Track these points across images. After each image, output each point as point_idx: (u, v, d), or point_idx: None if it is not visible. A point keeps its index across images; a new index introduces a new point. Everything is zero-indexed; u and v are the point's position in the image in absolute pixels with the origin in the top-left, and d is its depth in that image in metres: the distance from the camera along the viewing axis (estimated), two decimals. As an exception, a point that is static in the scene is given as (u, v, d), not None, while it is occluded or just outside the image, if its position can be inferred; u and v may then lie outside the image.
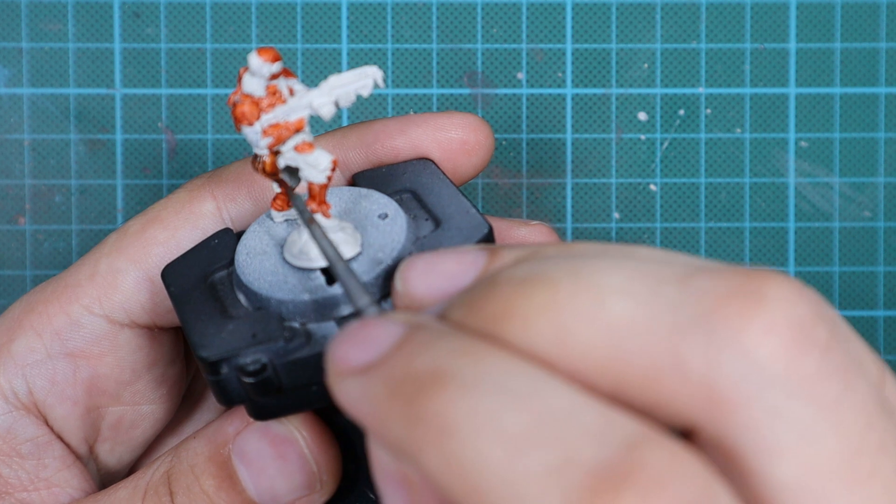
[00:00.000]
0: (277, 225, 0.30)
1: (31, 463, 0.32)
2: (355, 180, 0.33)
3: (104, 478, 0.35)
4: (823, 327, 0.21)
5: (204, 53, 0.45)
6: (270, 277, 0.29)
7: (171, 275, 0.30)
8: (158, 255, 0.32)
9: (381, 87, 0.28)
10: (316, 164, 0.28)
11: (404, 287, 0.25)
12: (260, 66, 0.27)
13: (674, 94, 0.46)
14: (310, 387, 0.28)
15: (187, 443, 0.31)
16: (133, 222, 0.33)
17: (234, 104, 0.28)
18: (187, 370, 0.36)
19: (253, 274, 0.29)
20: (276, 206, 0.30)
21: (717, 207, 0.47)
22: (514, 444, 0.19)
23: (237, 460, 0.30)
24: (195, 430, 0.37)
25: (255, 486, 0.30)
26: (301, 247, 0.29)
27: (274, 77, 0.28)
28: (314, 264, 0.28)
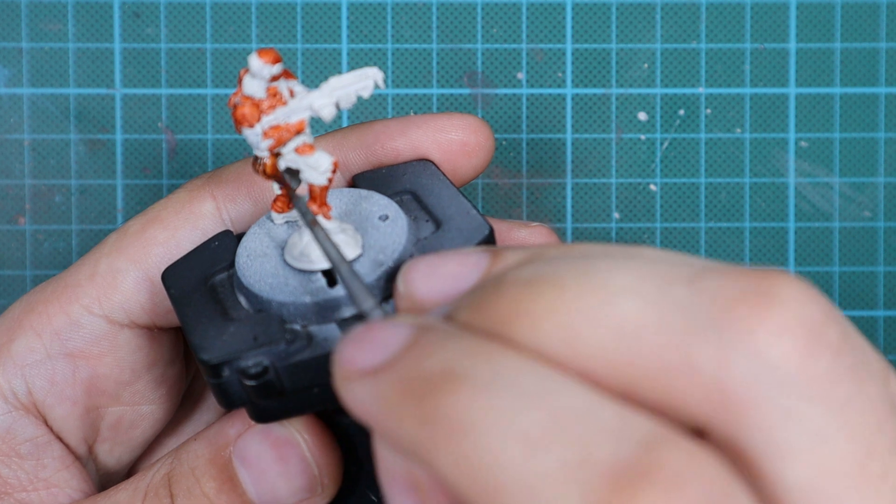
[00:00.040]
0: (278, 227, 0.30)
1: (31, 463, 0.32)
2: (355, 181, 0.33)
3: (103, 478, 0.35)
4: (834, 328, 0.21)
5: (204, 53, 0.45)
6: (271, 279, 0.29)
7: (172, 277, 0.30)
8: (158, 256, 0.32)
9: (382, 88, 0.28)
10: (317, 166, 0.28)
11: (407, 289, 0.25)
12: (260, 67, 0.27)
13: (674, 94, 0.46)
14: (311, 389, 0.28)
15: (188, 445, 0.31)
16: (133, 222, 0.33)
17: (235, 106, 0.28)
18: (187, 370, 0.36)
19: (254, 276, 0.29)
20: (277, 208, 0.30)
21: (717, 207, 0.47)
22: (530, 442, 0.19)
23: (238, 463, 0.30)
24: (195, 431, 0.37)
25: (255, 489, 0.30)
26: (302, 249, 0.29)
27: (274, 79, 0.28)
28: (315, 266, 0.28)
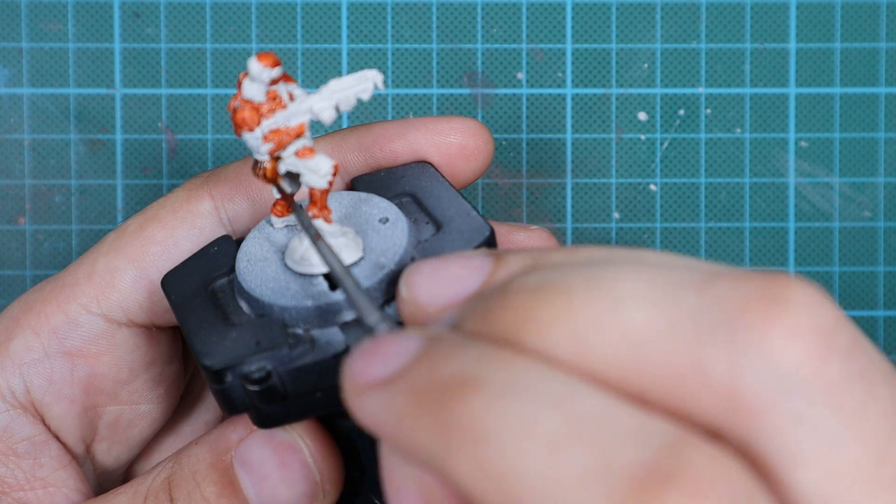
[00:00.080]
0: (277, 231, 0.30)
1: (28, 462, 0.32)
2: (354, 184, 0.32)
3: (101, 478, 0.35)
4: (845, 333, 0.21)
5: (204, 53, 0.45)
6: (272, 284, 0.28)
7: (171, 283, 0.30)
8: (156, 254, 0.32)
9: (381, 90, 0.28)
10: (317, 170, 0.28)
11: (409, 293, 0.25)
12: (260, 71, 0.27)
13: (674, 94, 0.46)
14: (314, 393, 0.27)
15: (189, 449, 0.31)
16: (131, 221, 0.33)
17: (235, 110, 0.28)
18: (185, 369, 0.36)
19: (254, 281, 0.29)
20: (276, 212, 0.30)
21: (717, 207, 0.47)
22: (551, 447, 0.19)
23: (239, 467, 0.30)
24: (193, 430, 0.37)
25: (256, 494, 0.30)
26: (302, 253, 0.29)
27: (274, 82, 0.28)
28: (316, 270, 0.28)
